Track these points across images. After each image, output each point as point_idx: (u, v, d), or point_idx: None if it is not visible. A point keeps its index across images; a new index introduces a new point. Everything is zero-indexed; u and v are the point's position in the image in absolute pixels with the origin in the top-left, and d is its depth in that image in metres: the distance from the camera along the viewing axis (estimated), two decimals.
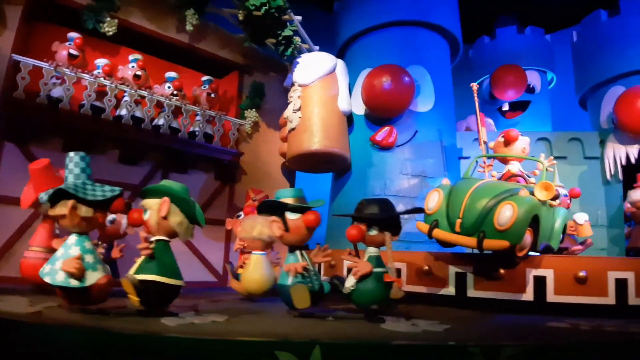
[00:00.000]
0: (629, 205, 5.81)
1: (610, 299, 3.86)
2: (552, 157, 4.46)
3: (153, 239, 2.83)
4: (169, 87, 5.70)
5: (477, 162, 4.63)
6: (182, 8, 5.59)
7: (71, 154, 3.01)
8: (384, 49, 6.15)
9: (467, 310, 4.00)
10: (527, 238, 3.84)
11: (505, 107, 8.08)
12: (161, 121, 5.53)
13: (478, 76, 8.68)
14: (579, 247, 5.02)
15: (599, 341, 2.80)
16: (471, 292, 4.18)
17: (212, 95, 5.96)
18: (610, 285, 3.91)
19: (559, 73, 8.37)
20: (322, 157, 5.63)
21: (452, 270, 4.30)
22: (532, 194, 3.88)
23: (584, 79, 6.77)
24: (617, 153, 5.85)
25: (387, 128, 5.71)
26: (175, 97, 5.65)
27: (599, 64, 6.39)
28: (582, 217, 4.94)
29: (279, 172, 6.48)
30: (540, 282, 4.00)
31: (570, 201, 5.04)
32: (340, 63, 6.02)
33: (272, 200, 3.47)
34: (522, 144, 4.49)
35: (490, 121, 7.34)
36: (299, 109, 5.64)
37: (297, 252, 3.49)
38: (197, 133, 5.76)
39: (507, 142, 4.48)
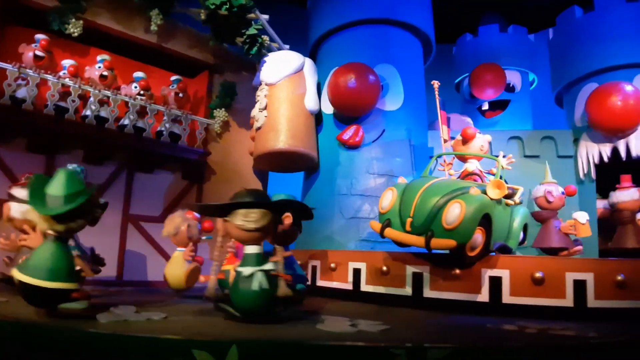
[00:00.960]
0: (607, 207, 5.70)
1: (568, 301, 3.76)
2: (510, 156, 4.38)
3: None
4: (135, 87, 5.71)
5: (437, 160, 4.57)
6: (147, 8, 5.59)
7: None
8: (354, 47, 6.11)
9: (422, 311, 3.94)
10: (478, 237, 3.77)
11: (485, 107, 7.98)
12: (126, 121, 5.54)
13: (460, 74, 8.61)
14: (579, 247, 4.84)
15: (531, 346, 2.72)
16: (427, 293, 4.11)
17: (181, 94, 5.96)
18: (569, 286, 3.80)
19: (542, 73, 8.25)
20: (288, 156, 5.60)
21: (410, 270, 4.24)
22: (484, 192, 3.81)
23: (559, 76, 6.66)
24: (590, 152, 5.73)
25: (353, 127, 5.66)
26: (141, 97, 5.66)
27: (573, 61, 6.28)
28: (583, 216, 4.79)
29: (250, 171, 6.45)
30: (496, 282, 3.92)
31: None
32: (308, 62, 5.98)
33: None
34: (480, 142, 4.42)
35: (469, 119, 7.24)
36: (265, 108, 5.61)
37: None
38: (163, 132, 5.76)
39: (465, 140, 4.41)
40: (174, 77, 6.05)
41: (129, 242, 5.65)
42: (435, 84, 4.85)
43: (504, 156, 4.35)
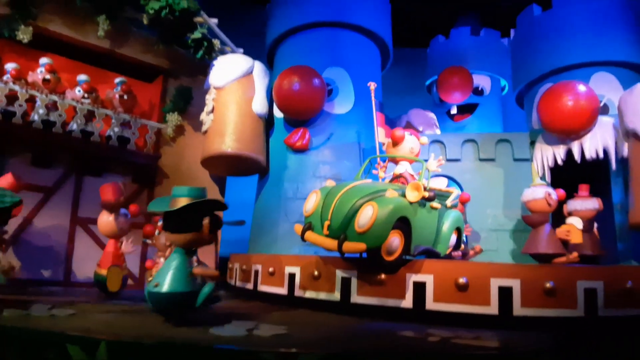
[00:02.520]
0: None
1: (492, 309, 3.60)
2: (441, 158, 4.26)
3: None
4: (79, 91, 5.75)
5: (370, 162, 4.48)
6: (94, 14, 5.65)
7: None
8: (306, 50, 6.08)
9: (347, 317, 3.84)
10: (395, 241, 3.65)
11: (454, 110, 7.84)
12: (74, 125, 5.59)
13: (431, 76, 8.49)
14: (576, 253, 4.71)
15: (408, 353, 2.62)
16: (355, 298, 4.00)
17: (125, 96, 5.97)
18: (493, 293, 3.65)
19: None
20: (234, 159, 5.55)
21: (339, 274, 4.14)
22: (404, 195, 3.70)
23: (519, 77, 6.48)
24: (544, 154, 5.53)
25: (300, 130, 5.60)
26: (87, 101, 5.70)
27: (531, 61, 6.09)
28: (579, 222, 4.69)
29: (205, 175, 6.43)
30: (420, 288, 3.79)
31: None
32: (258, 65, 5.95)
33: None
34: (410, 144, 4.29)
35: (432, 114, 7.00)
36: (211, 111, 5.60)
37: None
38: (112, 136, 5.79)
39: (395, 143, 4.30)
40: (117, 79, 6.06)
41: (77, 244, 5.68)
42: (372, 85, 4.76)
43: (434, 159, 4.24)
